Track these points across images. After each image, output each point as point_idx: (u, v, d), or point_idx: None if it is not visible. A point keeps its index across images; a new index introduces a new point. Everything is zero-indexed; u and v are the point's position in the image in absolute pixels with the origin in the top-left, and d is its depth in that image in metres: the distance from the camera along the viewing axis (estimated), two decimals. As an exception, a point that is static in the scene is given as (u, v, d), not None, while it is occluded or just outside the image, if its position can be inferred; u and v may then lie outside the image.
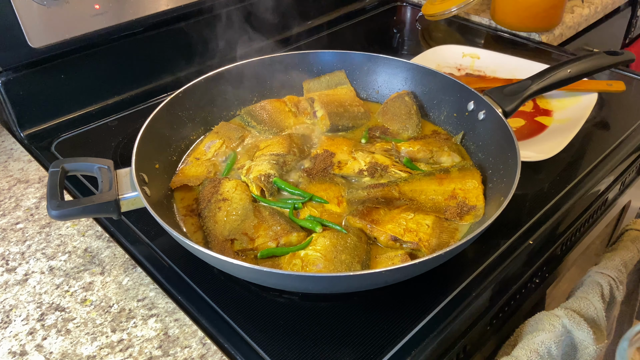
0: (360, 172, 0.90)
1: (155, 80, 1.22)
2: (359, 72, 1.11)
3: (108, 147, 1.03)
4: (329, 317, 0.71)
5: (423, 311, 0.71)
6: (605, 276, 0.87)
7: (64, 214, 0.70)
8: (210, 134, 1.00)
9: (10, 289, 0.76)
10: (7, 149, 1.04)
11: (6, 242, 0.83)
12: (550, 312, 0.77)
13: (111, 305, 0.73)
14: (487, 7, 1.59)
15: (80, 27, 1.05)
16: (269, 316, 0.71)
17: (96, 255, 0.81)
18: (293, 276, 0.66)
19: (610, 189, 0.98)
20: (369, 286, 0.71)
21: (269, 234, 0.77)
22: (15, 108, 1.04)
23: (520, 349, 0.73)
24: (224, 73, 1.02)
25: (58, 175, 0.74)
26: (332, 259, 0.71)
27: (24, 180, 0.95)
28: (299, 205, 0.83)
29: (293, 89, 1.10)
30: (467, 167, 0.89)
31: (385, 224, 0.78)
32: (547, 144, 0.98)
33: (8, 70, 1.01)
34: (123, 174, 0.76)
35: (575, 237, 0.94)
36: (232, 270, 0.69)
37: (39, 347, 0.68)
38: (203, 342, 0.67)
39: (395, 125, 1.01)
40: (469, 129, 0.97)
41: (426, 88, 1.05)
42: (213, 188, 0.85)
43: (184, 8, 1.19)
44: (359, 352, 0.66)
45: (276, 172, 0.88)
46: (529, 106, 1.12)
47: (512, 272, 0.79)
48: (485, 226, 0.68)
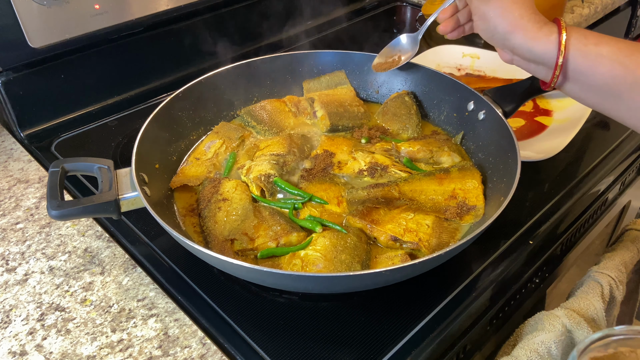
0: (360, 172, 0.90)
1: (155, 80, 1.22)
2: (359, 72, 1.11)
3: (108, 147, 1.03)
4: (329, 317, 0.71)
5: (423, 311, 0.71)
6: (605, 276, 0.87)
7: (64, 214, 0.70)
8: (210, 134, 1.00)
9: (10, 289, 0.76)
10: (7, 149, 1.04)
11: (6, 242, 0.83)
12: (550, 312, 0.77)
13: (111, 305, 0.73)
14: (487, 7, 1.59)
15: (80, 27, 1.05)
16: (269, 316, 0.71)
17: (96, 255, 0.81)
18: (293, 276, 0.66)
19: (610, 189, 0.98)
20: (369, 286, 0.71)
21: (269, 234, 0.77)
22: (15, 108, 1.04)
23: (520, 348, 0.73)
24: (224, 73, 1.02)
25: (58, 175, 0.74)
26: (332, 259, 0.71)
27: (24, 180, 0.95)
28: (299, 205, 0.83)
29: (293, 89, 1.10)
30: (467, 167, 0.89)
31: (385, 224, 0.78)
32: (547, 144, 0.98)
33: (8, 70, 1.01)
34: (123, 174, 0.76)
35: (575, 237, 0.94)
36: (232, 270, 0.69)
37: (39, 347, 0.68)
38: (203, 342, 0.67)
39: (395, 125, 1.01)
40: (469, 129, 0.97)
41: (426, 88, 1.05)
42: (213, 188, 0.85)
43: (184, 8, 1.19)
44: (359, 352, 0.66)
45: (276, 172, 0.88)
46: (529, 106, 1.12)
47: (512, 272, 0.79)
48: (485, 226, 0.68)
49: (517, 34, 0.71)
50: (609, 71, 0.67)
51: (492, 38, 0.76)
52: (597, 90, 0.70)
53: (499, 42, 0.75)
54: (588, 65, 0.69)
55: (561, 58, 0.69)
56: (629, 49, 0.66)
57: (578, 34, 0.69)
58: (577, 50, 0.69)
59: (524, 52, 0.73)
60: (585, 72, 0.69)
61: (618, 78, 0.67)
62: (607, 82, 0.68)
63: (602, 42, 0.68)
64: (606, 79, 0.68)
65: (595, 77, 0.69)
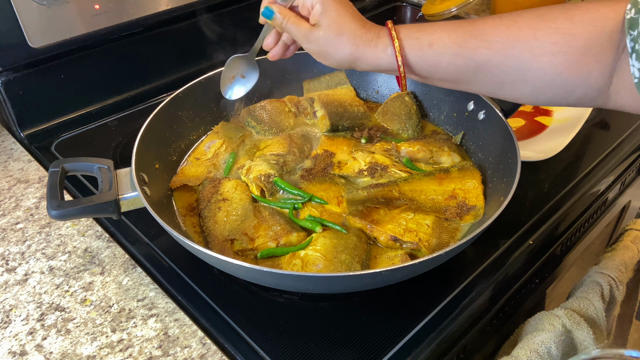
0: (360, 172, 0.90)
1: (155, 80, 1.22)
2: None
3: (108, 147, 1.03)
4: (329, 317, 0.71)
5: (423, 311, 0.71)
6: (605, 276, 0.87)
7: (64, 214, 0.70)
8: (210, 134, 1.00)
9: (10, 289, 0.76)
10: (7, 149, 1.04)
11: (6, 242, 0.83)
12: (550, 312, 0.77)
13: (111, 305, 0.73)
14: (487, 7, 1.59)
15: (80, 27, 1.05)
16: (269, 316, 0.71)
17: (96, 255, 0.81)
18: (293, 276, 0.66)
19: (610, 189, 0.98)
20: (369, 286, 0.71)
21: (269, 234, 0.77)
22: (15, 108, 1.04)
23: (520, 348, 0.73)
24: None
25: (58, 175, 0.74)
26: (332, 259, 0.71)
27: (24, 180, 0.95)
28: (299, 205, 0.83)
29: (293, 89, 1.10)
30: (467, 167, 0.89)
31: (385, 224, 0.78)
32: (547, 144, 0.98)
33: (8, 70, 1.01)
34: (123, 174, 0.76)
35: (575, 237, 0.94)
36: (232, 270, 0.69)
37: (39, 347, 0.68)
38: (203, 342, 0.67)
39: (395, 125, 1.01)
40: (469, 129, 0.97)
41: (426, 88, 1.05)
42: (213, 188, 0.85)
43: (184, 8, 1.19)
44: (359, 352, 0.66)
45: (276, 172, 0.88)
46: (529, 106, 1.12)
47: (512, 272, 0.79)
48: (485, 226, 0.68)
49: (359, 62, 0.72)
50: (451, 65, 0.68)
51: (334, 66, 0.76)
52: (448, 80, 0.72)
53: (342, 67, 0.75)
54: (430, 65, 0.70)
55: (402, 68, 0.70)
56: (460, 35, 0.67)
57: (410, 39, 0.69)
58: (415, 57, 0.70)
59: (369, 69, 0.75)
60: (430, 70, 0.71)
61: (461, 68, 0.68)
62: (453, 73, 0.70)
63: (435, 40, 0.68)
64: (451, 71, 0.69)
65: (441, 73, 0.71)
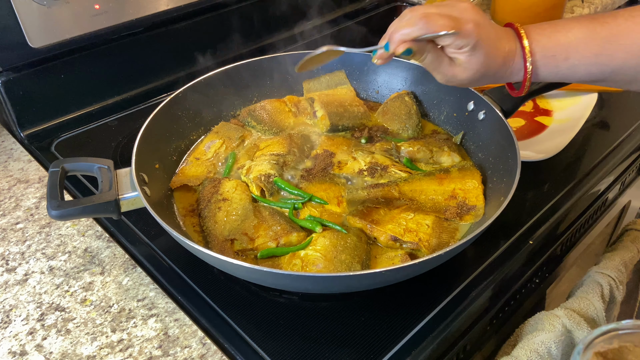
0: (360, 172, 0.89)
1: (155, 80, 1.22)
2: (359, 72, 1.11)
3: (108, 147, 1.03)
4: (329, 317, 0.71)
5: (423, 311, 0.71)
6: (605, 276, 0.87)
7: (64, 214, 0.70)
8: (210, 134, 1.00)
9: (10, 289, 0.76)
10: (7, 149, 1.04)
11: (6, 242, 0.83)
12: (550, 312, 0.77)
13: (111, 305, 0.73)
14: (487, 7, 1.59)
15: (80, 27, 1.05)
16: (269, 316, 0.71)
17: (96, 255, 0.81)
18: (293, 276, 0.66)
19: (610, 189, 0.98)
20: (369, 286, 0.71)
21: (269, 234, 0.77)
22: (15, 108, 1.04)
23: (520, 348, 0.73)
24: (224, 73, 1.02)
25: (58, 175, 0.74)
26: (332, 259, 0.71)
27: (24, 180, 0.95)
28: (299, 205, 0.83)
29: (293, 89, 1.10)
30: (467, 167, 0.89)
31: (385, 224, 0.78)
32: (547, 144, 0.98)
33: (8, 70, 1.01)
34: (123, 174, 0.76)
35: (575, 237, 0.94)
36: (232, 270, 0.69)
37: (39, 347, 0.68)
38: (203, 342, 0.67)
39: (395, 125, 1.01)
40: (469, 129, 0.97)
41: (426, 88, 1.05)
42: (213, 188, 0.85)
43: (184, 8, 1.19)
44: (359, 352, 0.66)
45: (276, 172, 0.88)
46: (529, 106, 1.12)
47: (512, 272, 0.79)
48: (485, 226, 0.68)
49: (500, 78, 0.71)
50: (586, 74, 0.68)
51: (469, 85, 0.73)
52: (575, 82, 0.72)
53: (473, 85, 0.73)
54: (563, 77, 0.70)
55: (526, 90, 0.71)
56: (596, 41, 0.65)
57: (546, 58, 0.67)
58: (548, 73, 0.69)
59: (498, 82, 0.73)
60: (560, 79, 0.70)
61: (595, 74, 0.68)
62: (584, 79, 0.69)
63: (572, 53, 0.66)
64: (583, 79, 0.69)
65: (571, 80, 0.70)
